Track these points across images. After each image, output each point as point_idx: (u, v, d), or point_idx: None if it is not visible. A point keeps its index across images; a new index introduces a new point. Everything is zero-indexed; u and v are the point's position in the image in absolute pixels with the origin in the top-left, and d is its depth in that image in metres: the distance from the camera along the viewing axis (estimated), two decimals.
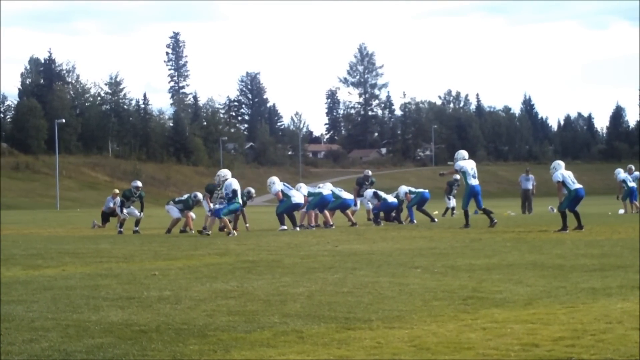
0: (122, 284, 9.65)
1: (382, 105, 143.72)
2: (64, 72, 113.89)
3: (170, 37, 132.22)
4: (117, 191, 25.76)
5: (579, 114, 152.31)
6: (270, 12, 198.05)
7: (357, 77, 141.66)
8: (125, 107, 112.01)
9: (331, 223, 21.94)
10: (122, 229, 21.95)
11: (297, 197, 21.48)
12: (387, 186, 40.87)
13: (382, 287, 8.98)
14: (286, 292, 8.68)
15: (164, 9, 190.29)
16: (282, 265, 11.73)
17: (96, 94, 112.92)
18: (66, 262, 12.66)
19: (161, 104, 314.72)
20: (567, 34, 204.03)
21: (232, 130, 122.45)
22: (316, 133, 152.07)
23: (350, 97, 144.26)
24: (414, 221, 23.58)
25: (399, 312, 7.29)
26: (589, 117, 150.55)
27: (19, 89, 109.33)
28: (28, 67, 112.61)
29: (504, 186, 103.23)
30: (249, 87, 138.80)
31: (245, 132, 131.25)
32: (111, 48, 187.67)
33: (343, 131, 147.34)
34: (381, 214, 23.62)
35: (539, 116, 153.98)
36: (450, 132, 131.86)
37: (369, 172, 26.18)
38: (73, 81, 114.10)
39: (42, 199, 76.07)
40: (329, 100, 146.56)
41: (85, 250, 15.13)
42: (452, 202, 29.37)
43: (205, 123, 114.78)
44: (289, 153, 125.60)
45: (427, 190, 24.97)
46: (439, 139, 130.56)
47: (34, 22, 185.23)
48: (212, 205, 20.91)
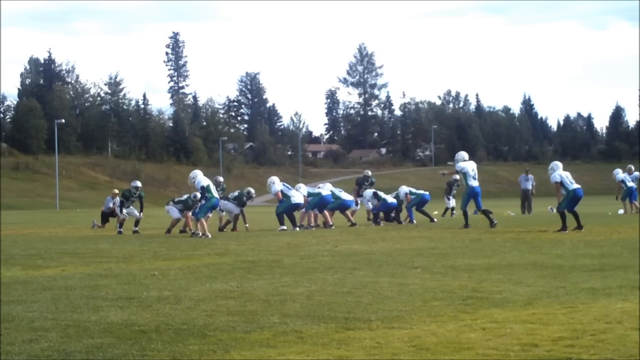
0: (121, 284, 9.65)
1: (382, 105, 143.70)
2: (64, 72, 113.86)
3: (170, 37, 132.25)
4: (116, 191, 25.76)
5: (578, 114, 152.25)
6: (269, 12, 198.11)
7: (357, 77, 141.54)
8: (125, 107, 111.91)
9: (331, 223, 21.96)
10: (121, 229, 21.97)
11: (296, 197, 21.51)
12: (387, 186, 40.85)
13: (381, 287, 8.98)
14: (286, 292, 8.68)
15: (164, 9, 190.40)
16: (281, 265, 11.74)
17: (96, 94, 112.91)
18: (66, 262, 12.66)
19: (161, 104, 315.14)
20: (567, 34, 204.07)
21: (232, 130, 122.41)
22: (316, 133, 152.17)
23: (349, 97, 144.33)
24: (414, 221, 23.60)
25: (398, 312, 7.29)
26: (589, 117, 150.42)
27: (18, 89, 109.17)
28: (28, 67, 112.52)
29: (504, 186, 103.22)
30: (248, 87, 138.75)
31: (244, 132, 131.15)
32: (111, 48, 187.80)
33: (343, 131, 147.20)
34: (380, 214, 23.64)
35: (539, 116, 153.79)
36: (450, 132, 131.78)
37: (369, 173, 26.18)
38: (73, 81, 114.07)
39: (41, 199, 76.02)
40: (328, 100, 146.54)
41: (85, 250, 15.13)
42: (452, 203, 29.36)
43: (204, 123, 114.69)
44: (289, 153, 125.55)
45: (427, 192, 24.96)
46: (438, 139, 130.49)
47: (34, 22, 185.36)
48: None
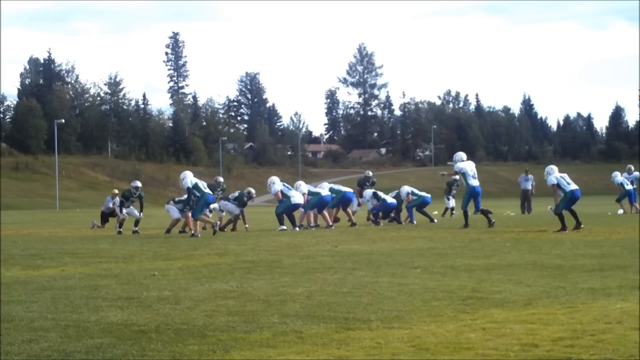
0: (121, 284, 9.65)
1: (382, 105, 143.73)
2: (64, 72, 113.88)
3: (170, 37, 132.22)
4: (116, 191, 25.76)
5: (578, 114, 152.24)
6: (269, 12, 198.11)
7: (357, 77, 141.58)
8: (124, 107, 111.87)
9: (331, 224, 21.93)
10: (121, 229, 21.97)
11: (296, 197, 21.53)
12: (387, 186, 40.85)
13: (381, 288, 8.98)
14: (285, 293, 8.68)
15: (163, 9, 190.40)
16: (281, 265, 11.73)
17: (96, 94, 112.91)
18: (66, 263, 12.65)
19: (161, 104, 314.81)
20: (567, 34, 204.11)
21: (232, 130, 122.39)
22: (315, 133, 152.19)
23: (349, 97, 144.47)
24: (414, 222, 23.60)
25: (398, 313, 7.29)
26: (589, 118, 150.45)
27: (18, 89, 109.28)
28: (27, 67, 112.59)
29: (504, 186, 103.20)
30: (248, 87, 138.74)
31: (244, 132, 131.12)
32: (111, 48, 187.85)
33: (342, 131, 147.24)
34: (379, 214, 23.65)
35: (539, 116, 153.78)
36: (450, 132, 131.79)
37: (370, 173, 26.20)
38: (72, 81, 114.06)
39: (41, 199, 76.01)
40: (328, 100, 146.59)
41: (84, 250, 15.13)
42: (452, 203, 29.37)
43: (204, 123, 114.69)
44: (289, 153, 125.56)
45: (429, 195, 24.91)
46: (438, 139, 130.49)
47: (34, 22, 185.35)
48: (212, 205, 21.16)
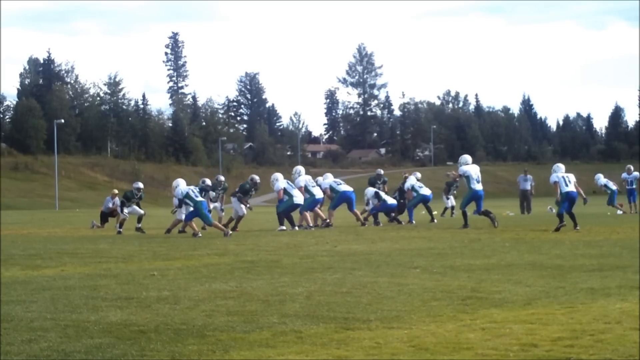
0: (121, 284, 9.65)
1: (381, 105, 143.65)
2: (63, 72, 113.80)
3: (169, 38, 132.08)
4: (116, 191, 25.73)
5: (578, 114, 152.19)
6: (269, 12, 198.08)
7: (356, 77, 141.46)
8: (124, 107, 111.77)
9: (330, 222, 21.90)
10: (121, 229, 21.96)
11: (299, 197, 21.50)
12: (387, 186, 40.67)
13: (381, 287, 8.98)
14: (285, 293, 8.68)
15: (163, 9, 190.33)
16: (281, 265, 11.74)
17: (95, 94, 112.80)
18: (65, 263, 12.65)
19: (160, 104, 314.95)
20: (566, 34, 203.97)
21: (231, 130, 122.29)
22: (315, 133, 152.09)
23: (349, 97, 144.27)
24: (413, 222, 23.59)
25: (397, 312, 7.29)
26: (588, 118, 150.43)
27: (17, 89, 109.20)
28: (27, 68, 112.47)
29: (503, 186, 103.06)
30: (248, 87, 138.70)
31: (244, 133, 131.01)
32: (110, 48, 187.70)
33: (342, 131, 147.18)
34: (378, 215, 23.63)
35: (538, 116, 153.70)
36: (449, 132, 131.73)
37: (381, 172, 26.23)
38: (72, 81, 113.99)
39: (41, 199, 75.96)
40: (328, 100, 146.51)
41: (84, 250, 15.13)
42: (451, 202, 29.36)
43: (204, 123, 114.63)
44: (288, 153, 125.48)
45: (430, 193, 24.92)
46: (438, 139, 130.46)
47: (33, 22, 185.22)
48: (212, 204, 22.33)
